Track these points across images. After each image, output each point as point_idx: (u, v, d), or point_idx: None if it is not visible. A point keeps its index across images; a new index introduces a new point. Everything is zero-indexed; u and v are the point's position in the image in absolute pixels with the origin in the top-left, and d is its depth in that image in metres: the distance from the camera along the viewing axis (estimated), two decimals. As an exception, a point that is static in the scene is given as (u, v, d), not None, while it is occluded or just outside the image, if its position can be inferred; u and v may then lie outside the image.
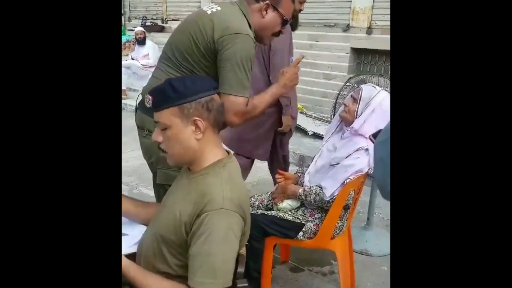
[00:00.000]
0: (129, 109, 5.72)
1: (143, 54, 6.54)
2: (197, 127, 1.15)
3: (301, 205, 1.95)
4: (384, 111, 1.86)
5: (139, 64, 6.45)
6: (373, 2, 4.64)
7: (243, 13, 1.54)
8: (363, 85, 2.00)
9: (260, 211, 1.95)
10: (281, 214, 1.90)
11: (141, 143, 1.67)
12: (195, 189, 1.15)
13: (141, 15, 8.06)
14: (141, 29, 6.69)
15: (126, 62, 6.37)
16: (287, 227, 1.87)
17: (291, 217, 1.89)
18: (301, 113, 5.11)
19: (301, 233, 1.87)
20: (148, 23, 7.75)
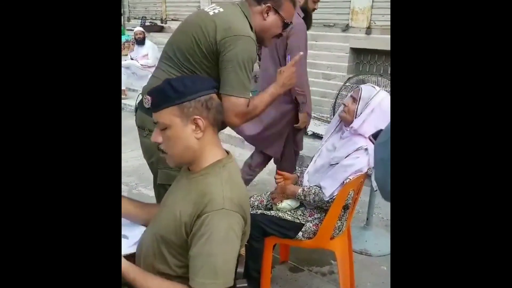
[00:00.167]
0: (128, 109, 5.72)
1: (142, 54, 6.54)
2: (197, 126, 1.15)
3: (301, 205, 1.95)
4: (383, 111, 1.86)
5: (138, 64, 6.44)
6: (372, 2, 4.64)
7: (244, 15, 1.54)
8: (362, 85, 2.00)
9: (259, 211, 1.94)
10: (281, 214, 1.90)
11: (142, 143, 1.67)
12: (195, 189, 1.15)
13: (140, 15, 8.05)
14: (140, 29, 6.68)
15: (125, 62, 6.36)
16: (287, 227, 1.87)
17: (290, 217, 1.89)
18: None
19: (300, 233, 1.87)
20: (147, 23, 7.74)
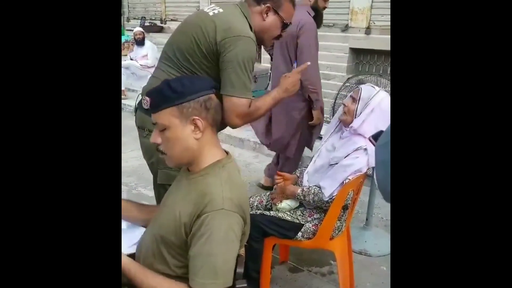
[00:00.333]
0: (128, 110, 5.72)
1: (142, 54, 6.53)
2: (196, 127, 1.15)
3: (300, 205, 1.95)
4: (383, 110, 1.86)
5: (138, 64, 6.44)
6: (372, 2, 4.65)
7: (244, 15, 1.54)
8: (362, 85, 2.01)
9: (259, 211, 1.94)
10: (280, 214, 1.90)
11: (142, 143, 1.67)
12: (195, 189, 1.15)
13: (140, 16, 8.06)
14: (140, 29, 6.67)
15: (125, 62, 6.36)
16: (286, 227, 1.87)
17: (290, 218, 1.89)
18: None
19: (300, 234, 1.87)
20: (147, 24, 7.75)
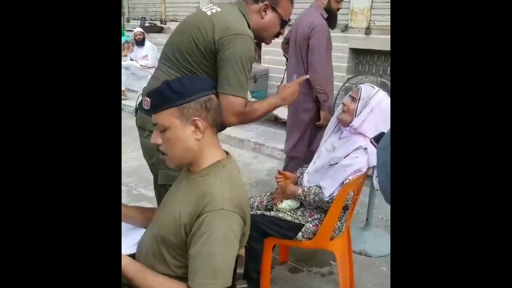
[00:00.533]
0: (128, 110, 5.72)
1: (142, 55, 6.53)
2: (197, 127, 1.15)
3: (301, 206, 1.95)
4: (382, 110, 1.88)
5: (138, 65, 6.44)
6: (372, 2, 4.65)
7: (242, 14, 1.54)
8: (361, 85, 2.01)
9: (259, 212, 1.94)
10: (281, 214, 1.90)
11: (142, 143, 1.67)
12: (195, 189, 1.15)
13: (140, 16, 8.06)
14: (140, 30, 6.67)
15: (125, 63, 6.37)
16: (286, 227, 1.87)
17: (290, 218, 1.89)
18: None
19: (300, 234, 1.87)
20: (147, 24, 7.75)
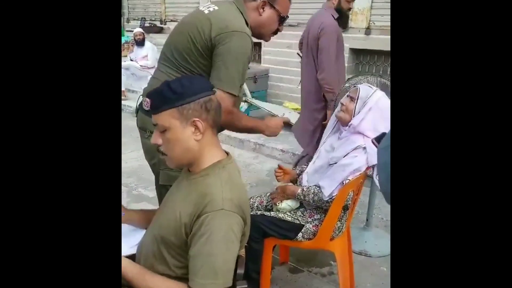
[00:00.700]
0: (128, 110, 5.72)
1: (142, 55, 6.53)
2: (197, 128, 1.15)
3: (300, 206, 1.95)
4: (380, 109, 1.89)
5: (138, 65, 6.44)
6: (372, 2, 4.64)
7: (240, 11, 1.54)
8: (359, 85, 2.02)
9: (259, 212, 1.94)
10: (281, 215, 1.90)
11: (143, 144, 1.67)
12: (195, 190, 1.15)
13: (139, 16, 8.05)
14: (140, 30, 6.66)
15: (125, 63, 6.36)
16: (286, 228, 1.87)
17: (290, 218, 1.89)
18: (300, 113, 5.10)
19: (300, 234, 1.87)
20: (146, 24, 7.74)
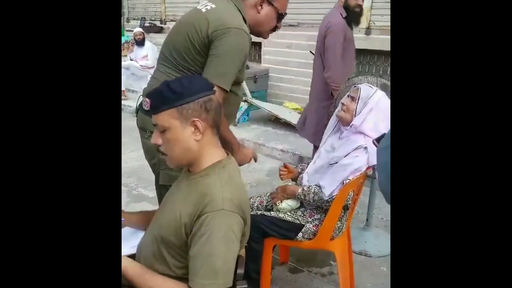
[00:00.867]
0: (128, 110, 5.72)
1: (142, 55, 6.53)
2: (196, 128, 1.15)
3: (301, 206, 1.95)
4: (381, 108, 1.89)
5: (138, 65, 6.44)
6: (372, 2, 4.64)
7: (238, 9, 1.53)
8: (360, 85, 2.02)
9: (259, 212, 1.94)
10: (281, 215, 1.90)
11: (143, 144, 1.66)
12: (195, 190, 1.15)
13: (139, 16, 8.05)
14: (140, 30, 6.66)
15: (125, 63, 6.36)
16: (287, 228, 1.87)
17: (290, 218, 1.89)
18: (300, 113, 5.11)
19: (300, 234, 1.87)
20: (146, 24, 7.74)
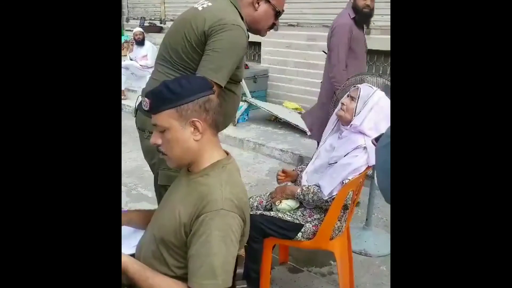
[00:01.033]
0: (127, 110, 5.71)
1: (141, 54, 6.52)
2: (196, 128, 1.14)
3: (300, 206, 1.95)
4: (381, 108, 1.90)
5: (137, 64, 6.43)
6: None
7: (235, 6, 1.53)
8: (359, 85, 2.02)
9: (259, 212, 1.94)
10: (280, 214, 1.90)
11: (142, 144, 1.66)
12: (194, 190, 1.15)
13: (139, 16, 8.05)
14: (140, 29, 6.65)
15: (124, 62, 6.35)
16: (286, 227, 1.87)
17: (290, 218, 1.89)
18: (300, 113, 5.11)
19: (300, 234, 1.87)
20: (146, 24, 7.74)
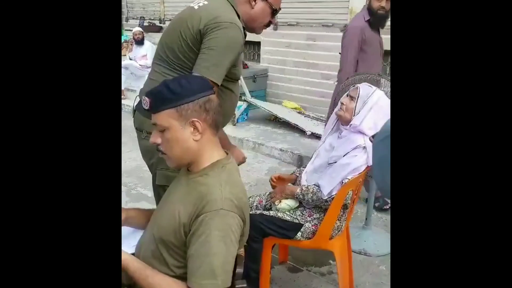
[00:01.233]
0: (127, 110, 5.70)
1: (141, 54, 6.52)
2: (195, 128, 1.15)
3: (300, 205, 1.95)
4: (381, 107, 1.90)
5: (137, 64, 6.42)
6: (371, 2, 4.64)
7: (231, 4, 1.53)
8: (359, 84, 2.02)
9: (258, 212, 1.94)
10: (280, 214, 1.90)
11: (140, 145, 1.66)
12: (194, 189, 1.15)
13: (138, 15, 8.04)
14: (139, 29, 6.65)
15: (124, 62, 6.34)
16: (286, 227, 1.87)
17: (289, 217, 1.89)
18: (299, 113, 5.11)
19: (299, 233, 1.87)
20: (145, 23, 7.73)
